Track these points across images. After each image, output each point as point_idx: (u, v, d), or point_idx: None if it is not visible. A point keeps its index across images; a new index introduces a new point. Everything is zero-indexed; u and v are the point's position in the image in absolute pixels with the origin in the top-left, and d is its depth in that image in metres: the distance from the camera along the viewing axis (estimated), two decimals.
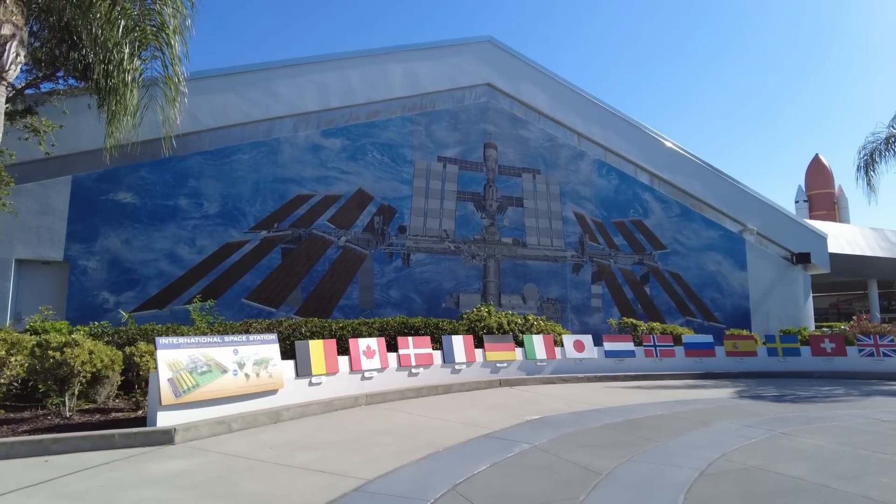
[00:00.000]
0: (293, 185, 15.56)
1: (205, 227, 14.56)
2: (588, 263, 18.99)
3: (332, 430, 7.35)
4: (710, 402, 10.03)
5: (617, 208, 19.81)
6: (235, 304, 14.55)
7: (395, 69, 17.12)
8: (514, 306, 17.69)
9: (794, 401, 10.31)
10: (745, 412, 8.95)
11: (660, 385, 12.32)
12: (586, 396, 10.45)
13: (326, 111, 16.21)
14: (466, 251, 17.33)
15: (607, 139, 19.95)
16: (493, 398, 10.13)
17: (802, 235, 22.74)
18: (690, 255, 20.73)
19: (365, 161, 16.41)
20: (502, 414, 8.66)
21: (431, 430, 7.40)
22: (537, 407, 9.34)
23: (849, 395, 11.15)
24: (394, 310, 16.04)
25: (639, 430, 7.45)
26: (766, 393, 11.35)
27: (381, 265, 16.22)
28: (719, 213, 21.48)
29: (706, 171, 21.50)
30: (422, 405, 9.27)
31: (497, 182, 18.18)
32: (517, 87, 18.83)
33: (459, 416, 8.42)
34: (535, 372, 12.49)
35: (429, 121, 17.44)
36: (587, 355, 13.24)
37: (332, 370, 9.37)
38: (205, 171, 14.76)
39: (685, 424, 7.97)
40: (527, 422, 8.08)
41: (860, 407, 9.56)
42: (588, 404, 9.62)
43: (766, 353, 14.41)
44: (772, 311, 21.72)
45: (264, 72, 15.69)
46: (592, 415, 8.65)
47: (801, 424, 7.93)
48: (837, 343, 14.43)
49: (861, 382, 13.33)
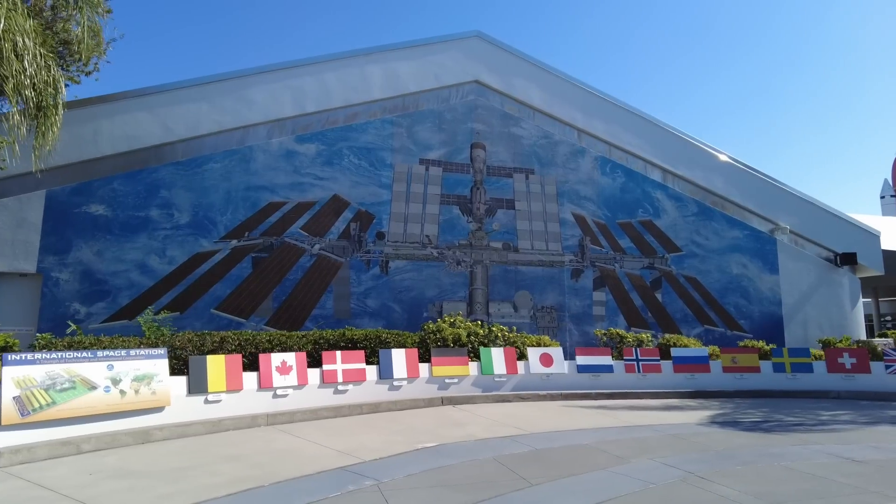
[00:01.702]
0: (265, 192, 15.32)
1: (175, 237, 14.55)
2: (589, 268, 17.63)
3: (184, 455, 6.81)
4: (666, 429, 8.74)
5: (623, 208, 18.31)
6: (205, 314, 14.43)
7: (375, 70, 16.58)
8: (504, 315, 16.66)
9: (771, 430, 8.82)
10: (694, 444, 7.67)
11: (631, 406, 11.01)
12: (526, 419, 9.40)
13: (302, 116, 15.89)
14: (451, 257, 16.48)
15: (612, 134, 18.51)
16: (417, 419, 9.29)
17: (848, 233, 20.20)
18: (710, 258, 18.86)
19: (341, 166, 15.95)
20: (402, 439, 7.84)
21: (291, 459, 6.71)
22: (455, 431, 8.43)
23: (850, 423, 9.47)
24: (371, 319, 15.45)
25: (531, 466, 6.43)
26: (745, 418, 9.83)
27: (358, 273, 15.67)
28: (745, 210, 19.45)
29: (729, 166, 19.55)
30: (325, 428, 8.58)
31: (486, 183, 17.22)
32: (509, 83, 17.80)
33: (348, 441, 7.67)
34: (492, 389, 11.50)
35: (411, 122, 16.76)
36: (555, 370, 12.08)
37: (234, 387, 8.88)
38: (177, 181, 14.77)
39: (599, 459, 6.85)
40: (416, 451, 7.23)
41: (846, 441, 8.00)
42: (515, 429, 8.60)
43: (772, 369, 12.67)
44: (810, 318, 19.40)
45: (238, 79, 15.57)
46: (501, 443, 7.67)
47: (742, 464, 6.62)
48: (859, 358, 12.47)
49: (883, 405, 11.40)
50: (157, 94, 14.91)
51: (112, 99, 14.53)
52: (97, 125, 14.28)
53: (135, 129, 14.59)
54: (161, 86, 15.06)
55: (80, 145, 14.14)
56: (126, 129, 14.55)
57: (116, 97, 14.60)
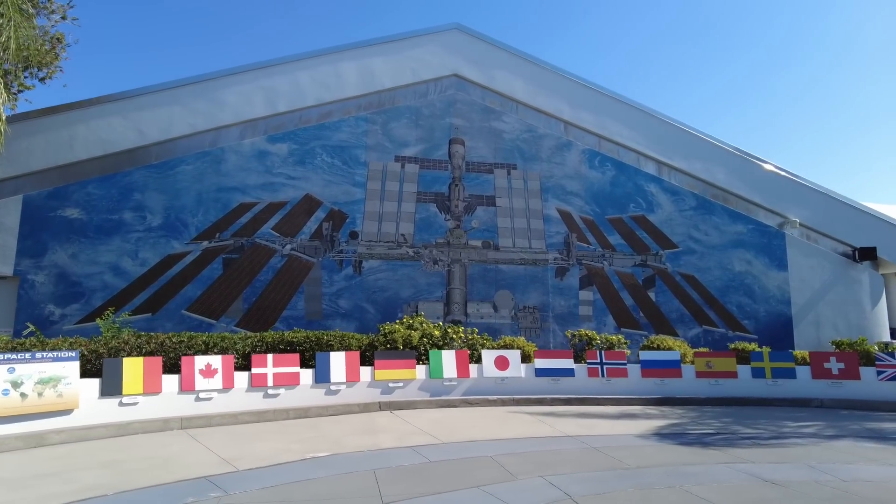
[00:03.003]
0: (237, 193, 15.31)
1: (148, 239, 14.71)
2: (575, 266, 16.89)
3: (62, 460, 6.71)
4: (595, 441, 8.12)
5: (613, 203, 17.46)
6: (176, 315, 14.53)
7: (350, 68, 16.35)
8: (483, 316, 16.15)
9: (713, 444, 8.06)
10: (609, 460, 7.06)
11: (582, 413, 10.37)
12: (453, 427, 8.94)
13: (274, 116, 15.81)
14: (427, 256, 16.08)
15: (602, 126, 17.68)
16: (337, 426, 8.96)
17: (868, 225, 18.65)
18: (710, 254, 17.77)
19: (314, 165, 15.79)
20: (299, 447, 7.54)
21: (166, 466, 6.53)
22: (364, 440, 8.08)
23: (809, 438, 8.60)
24: (343, 320, 15.23)
25: (403, 482, 6.03)
26: (697, 430, 9.07)
27: (330, 273, 15.47)
28: (751, 204, 18.24)
29: (732, 157, 18.38)
30: (234, 433, 8.36)
31: (465, 180, 16.73)
32: (490, 76, 17.25)
33: (242, 448, 7.43)
34: (441, 393, 11.06)
35: (386, 119, 16.44)
36: (511, 374, 11.53)
37: (152, 389, 8.79)
38: (149, 184, 14.92)
39: (485, 475, 6.37)
40: (302, 461, 6.94)
41: (785, 458, 7.21)
42: (431, 438, 8.18)
43: (751, 375, 11.73)
44: (824, 318, 18.03)
45: (210, 81, 15.62)
46: (399, 454, 7.28)
47: (637, 486, 6.03)
48: (848, 363, 11.39)
49: (865, 416, 10.34)
50: (131, 99, 15.10)
51: (87, 104, 14.80)
52: (73, 131, 14.58)
53: (109, 134, 14.82)
54: (135, 90, 15.25)
55: (57, 151, 14.47)
56: (101, 134, 14.80)
57: (91, 102, 14.86)
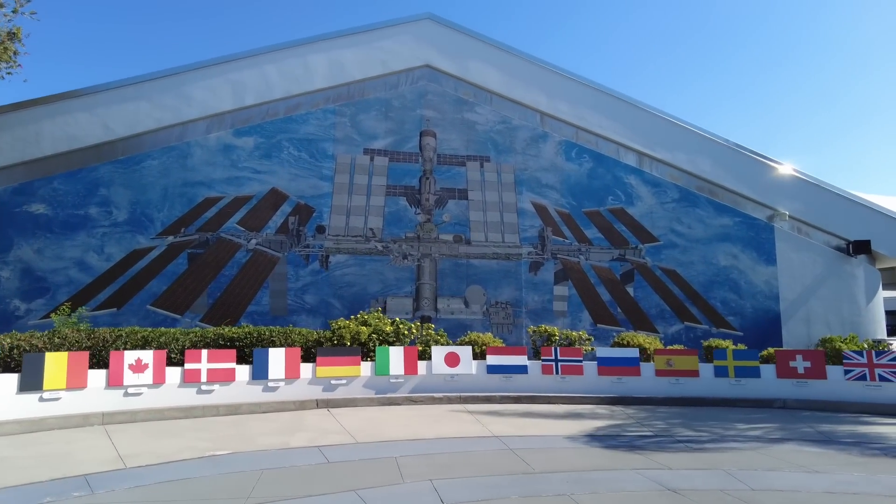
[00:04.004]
0: (202, 188, 15.21)
1: (113, 234, 14.68)
2: (550, 261, 16.44)
3: None
4: (517, 443, 7.78)
5: (591, 196, 16.95)
6: (141, 310, 14.49)
7: (318, 60, 16.11)
8: (454, 311, 15.83)
9: (643, 447, 7.64)
10: (515, 463, 6.76)
11: (526, 412, 10.00)
12: (383, 427, 8.67)
13: (242, 110, 15.66)
14: (397, 251, 15.80)
15: (579, 116, 17.17)
16: (261, 424, 8.74)
17: (864, 218, 17.81)
18: (693, 248, 17.16)
19: (280, 158, 15.61)
20: (205, 445, 7.35)
21: (54, 463, 6.49)
22: (277, 439, 7.84)
23: (750, 441, 8.14)
24: (309, 316, 15.06)
25: (279, 484, 5.75)
26: (636, 432, 8.64)
27: (296, 268, 15.29)
28: (738, 196, 17.56)
29: (719, 147, 17.71)
30: (150, 430, 8.19)
31: (436, 173, 16.39)
32: (463, 67, 16.85)
33: (147, 445, 7.28)
34: (387, 391, 10.78)
35: (355, 111, 16.18)
36: (462, 371, 11.20)
37: (77, 384, 8.69)
38: (115, 179, 14.90)
39: (368, 479, 6.13)
40: (197, 459, 6.75)
41: (707, 464, 6.77)
42: (351, 438, 7.94)
43: (713, 373, 11.21)
44: (815, 314, 17.30)
45: (177, 76, 15.51)
46: (307, 454, 7.07)
47: (523, 495, 5.62)
48: (814, 361, 10.80)
49: (826, 418, 9.78)
50: (98, 94, 15.09)
51: (53, 100, 14.81)
52: (39, 127, 14.60)
53: (75, 130, 14.82)
54: (101, 85, 15.23)
55: (23, 147, 14.51)
56: (67, 130, 14.81)
57: (57, 98, 14.87)
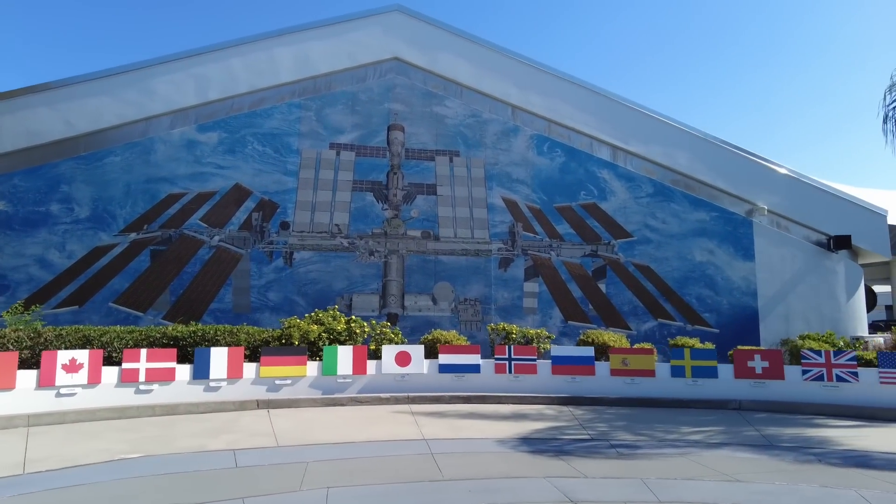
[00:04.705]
0: (165, 184, 15.02)
1: (75, 231, 14.54)
2: (521, 257, 16.17)
3: None
4: (445, 446, 7.58)
5: (562, 191, 16.63)
6: (103, 308, 14.36)
7: (284, 53, 15.85)
8: (421, 308, 15.61)
9: (576, 452, 7.42)
10: (430, 471, 6.54)
11: (471, 413, 9.78)
12: (314, 429, 8.47)
13: (206, 105, 15.44)
14: (363, 247, 15.57)
15: (552, 109, 16.83)
16: (192, 426, 8.56)
17: (846, 213, 17.40)
18: (668, 244, 16.82)
19: (244, 154, 15.40)
20: (124, 448, 7.21)
21: None
22: (193, 442, 7.68)
23: (692, 445, 7.90)
24: (272, 314, 14.87)
25: (158, 492, 5.57)
26: (571, 435, 8.40)
27: (260, 265, 15.11)
28: (715, 189, 17.18)
29: (696, 140, 17.32)
30: (74, 432, 8.04)
31: (404, 168, 16.13)
32: (432, 59, 16.55)
33: (58, 450, 7.16)
34: (334, 391, 10.59)
35: (321, 105, 15.93)
36: (413, 370, 10.98)
37: (4, 385, 8.56)
38: (77, 175, 14.74)
39: (263, 486, 5.93)
40: (106, 462, 6.58)
41: (634, 472, 6.54)
42: (273, 441, 7.73)
43: (670, 373, 10.92)
44: (795, 311, 16.94)
45: (141, 70, 15.31)
46: (214, 457, 6.86)
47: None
48: (772, 361, 10.49)
49: (779, 420, 9.49)
50: (59, 89, 14.92)
51: (13, 95, 14.65)
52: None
53: (36, 125, 14.66)
54: (62, 80, 15.05)
55: None
56: (27, 125, 14.65)
57: (18, 93, 14.71)
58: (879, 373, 9.97)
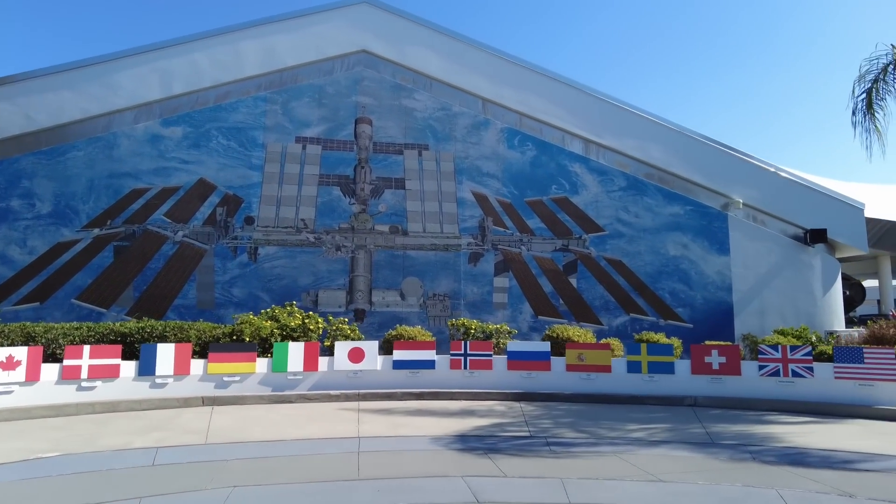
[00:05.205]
0: (129, 179, 14.86)
1: (36, 227, 14.39)
2: (491, 252, 15.98)
3: None
4: (375, 444, 7.44)
5: (534, 185, 16.43)
6: (65, 304, 14.23)
7: (250, 46, 15.65)
8: (389, 304, 15.44)
9: (508, 451, 7.26)
10: (346, 470, 6.45)
11: (418, 409, 9.64)
12: (243, 427, 8.32)
13: (170, 99, 15.26)
14: (329, 242, 15.40)
15: (523, 103, 16.61)
16: (125, 423, 8.40)
17: (823, 206, 17.16)
18: (641, 238, 16.62)
19: (208, 148, 15.22)
20: (46, 446, 7.04)
21: None
22: (118, 440, 7.52)
23: (630, 443, 7.75)
24: (237, 310, 14.63)
25: (58, 493, 5.42)
26: (511, 432, 8.24)
27: (224, 261, 14.95)
28: (689, 183, 16.96)
29: (671, 133, 17.09)
30: (3, 431, 7.90)
31: (372, 162, 15.94)
32: (402, 52, 16.33)
33: None
34: (284, 388, 10.44)
35: (287, 98, 15.73)
36: (366, 367, 10.82)
37: None
38: (38, 170, 14.58)
39: (165, 486, 5.73)
40: (21, 462, 6.38)
41: (559, 472, 6.35)
42: (199, 438, 7.62)
43: (626, 369, 10.75)
44: (770, 306, 16.73)
45: (104, 64, 15.12)
46: (127, 456, 6.71)
47: None
48: (729, 357, 10.31)
49: (735, 417, 9.31)
50: (19, 83, 14.74)
51: None
52: None
53: None
54: (22, 74, 14.87)
55: None
56: None
57: None
58: (834, 367, 9.78)
